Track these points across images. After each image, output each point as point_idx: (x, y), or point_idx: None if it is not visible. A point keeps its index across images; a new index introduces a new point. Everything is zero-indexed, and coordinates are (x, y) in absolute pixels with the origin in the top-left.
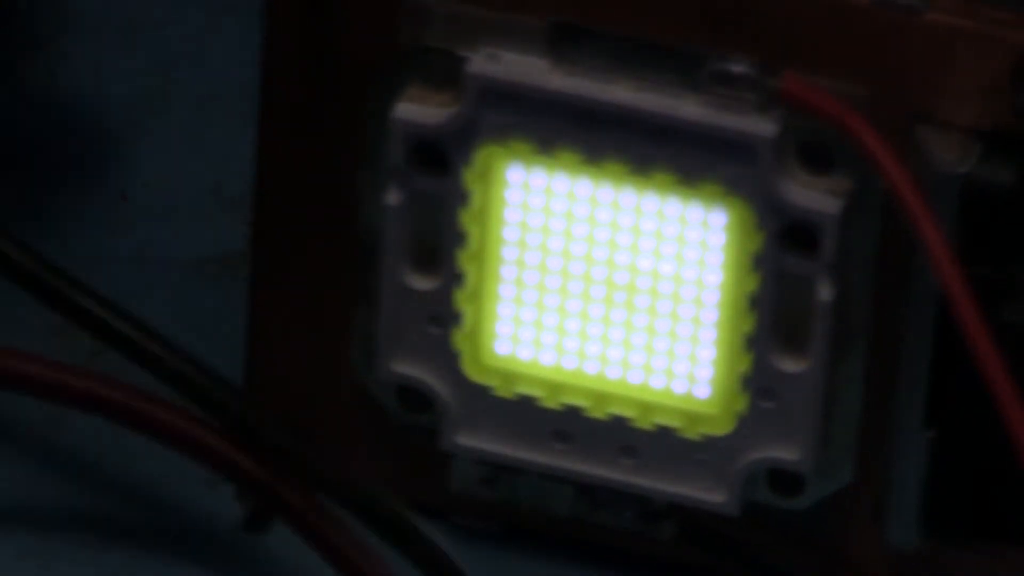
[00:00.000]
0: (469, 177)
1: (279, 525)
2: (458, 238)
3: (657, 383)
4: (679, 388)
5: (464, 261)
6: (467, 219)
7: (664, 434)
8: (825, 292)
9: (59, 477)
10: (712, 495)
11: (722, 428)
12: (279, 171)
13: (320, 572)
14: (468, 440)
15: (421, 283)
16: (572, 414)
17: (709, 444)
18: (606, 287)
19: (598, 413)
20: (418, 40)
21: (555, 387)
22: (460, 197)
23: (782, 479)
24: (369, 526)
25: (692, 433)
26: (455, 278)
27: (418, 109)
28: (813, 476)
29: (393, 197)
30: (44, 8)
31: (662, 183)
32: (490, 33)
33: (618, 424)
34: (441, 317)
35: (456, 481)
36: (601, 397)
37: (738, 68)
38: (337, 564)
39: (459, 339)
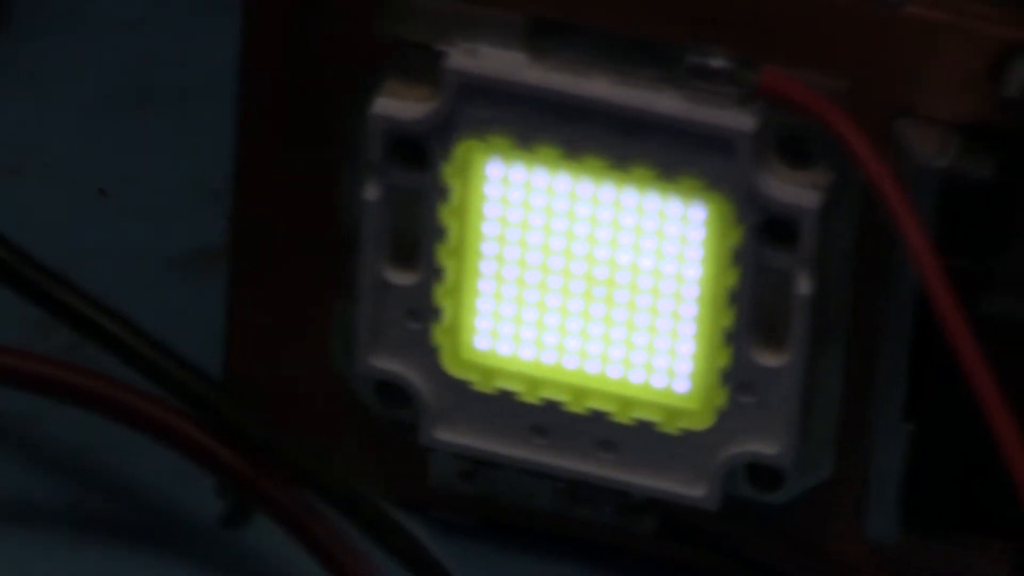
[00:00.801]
0: (448, 172)
1: (260, 519)
2: (437, 233)
3: (636, 378)
4: (658, 383)
5: (443, 256)
6: (446, 214)
7: (644, 428)
8: (804, 286)
9: (38, 472)
10: (692, 489)
11: (702, 422)
12: (258, 166)
13: (301, 566)
14: (447, 435)
15: (400, 278)
16: (551, 409)
17: (689, 438)
18: (585, 282)
19: (577, 408)
20: (396, 35)
21: (534, 382)
22: (439, 192)
23: (762, 473)
24: (349, 520)
25: (672, 427)
26: (434, 273)
27: (396, 104)
28: (793, 470)
29: (372, 192)
30: (26, 4)
31: (641, 178)
32: (468, 28)
33: (597, 419)
34: (420, 312)
35: (435, 476)
36: (580, 392)
37: (717, 62)
38: (318, 557)
39: (438, 334)
